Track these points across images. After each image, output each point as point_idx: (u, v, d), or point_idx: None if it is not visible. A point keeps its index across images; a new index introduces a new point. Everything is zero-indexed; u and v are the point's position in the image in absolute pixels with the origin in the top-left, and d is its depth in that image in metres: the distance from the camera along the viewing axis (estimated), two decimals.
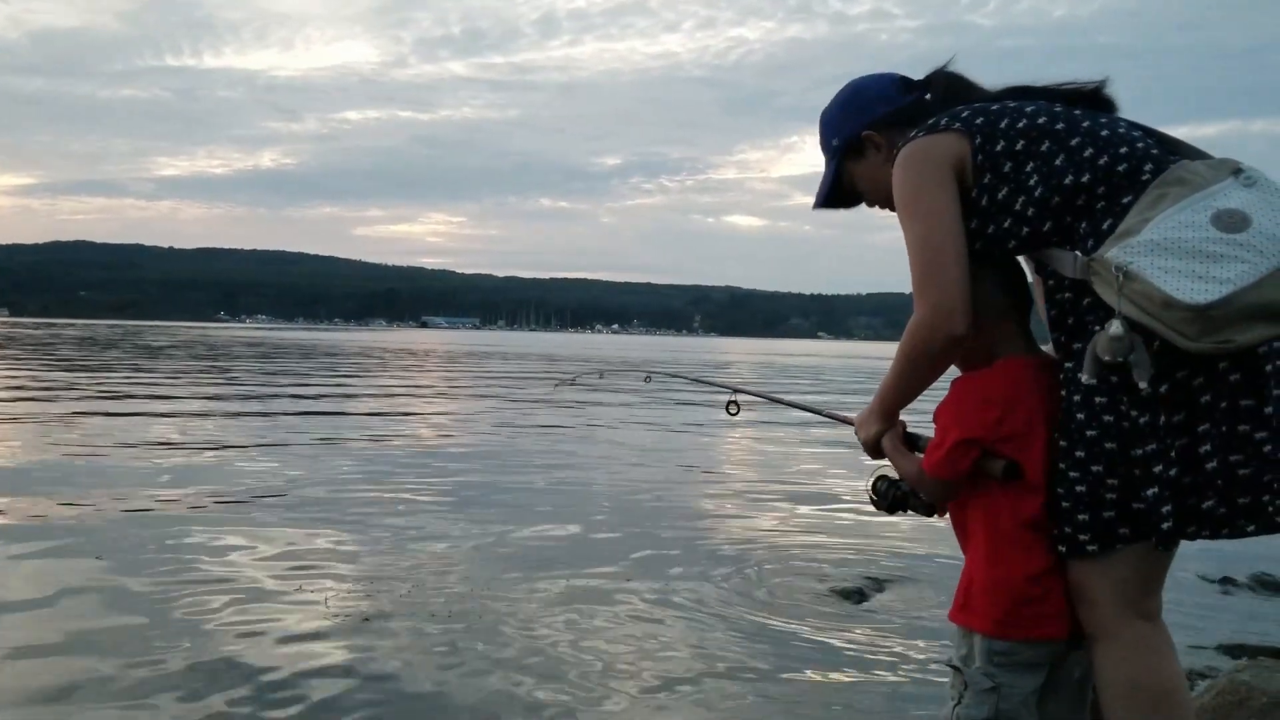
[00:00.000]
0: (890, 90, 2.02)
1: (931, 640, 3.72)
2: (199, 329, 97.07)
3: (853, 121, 2.04)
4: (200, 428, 10.37)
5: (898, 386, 1.90)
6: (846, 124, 2.05)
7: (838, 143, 2.06)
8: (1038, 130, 1.77)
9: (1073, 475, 1.71)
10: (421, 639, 3.59)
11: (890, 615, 4.11)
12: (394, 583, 4.32)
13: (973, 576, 1.83)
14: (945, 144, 1.81)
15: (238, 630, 3.62)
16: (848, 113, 2.05)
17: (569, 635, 3.69)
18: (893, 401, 1.94)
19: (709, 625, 3.87)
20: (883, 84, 2.03)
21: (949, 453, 1.80)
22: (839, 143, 2.06)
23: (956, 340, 1.76)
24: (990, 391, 1.82)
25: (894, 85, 2.03)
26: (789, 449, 10.08)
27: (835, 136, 2.07)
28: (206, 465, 7.71)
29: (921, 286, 1.77)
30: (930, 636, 3.77)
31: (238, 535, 5.15)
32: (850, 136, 2.04)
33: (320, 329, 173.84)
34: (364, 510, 5.96)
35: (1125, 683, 1.71)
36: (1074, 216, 1.72)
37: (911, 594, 4.45)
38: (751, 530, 5.77)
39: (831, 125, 2.08)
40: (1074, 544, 1.72)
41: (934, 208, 1.79)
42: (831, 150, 2.08)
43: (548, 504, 6.41)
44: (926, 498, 1.94)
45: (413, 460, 8.28)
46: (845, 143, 2.05)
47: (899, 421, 1.98)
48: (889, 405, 1.95)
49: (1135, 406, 1.62)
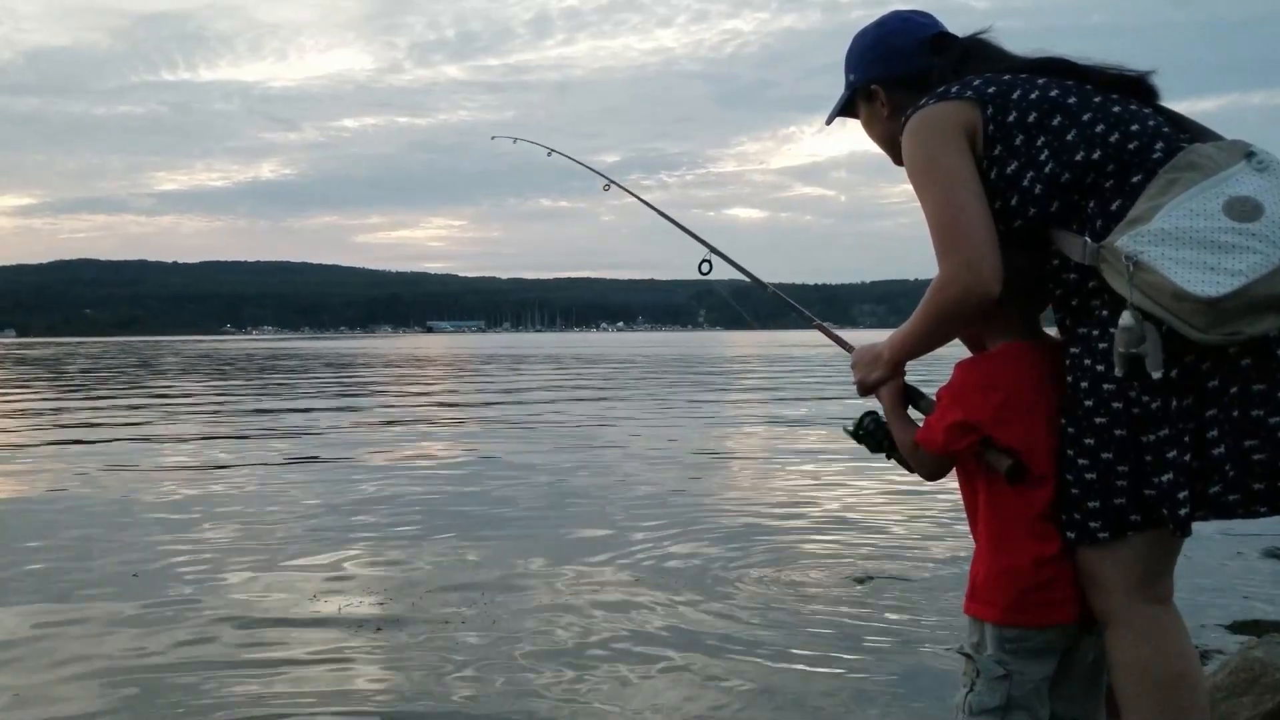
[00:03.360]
0: (915, 49, 1.98)
1: (938, 628, 3.71)
2: (207, 343, 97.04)
3: (868, 69, 2.03)
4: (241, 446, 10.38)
5: (916, 339, 1.85)
6: (863, 68, 2.05)
7: (853, 79, 2.07)
8: (1050, 103, 1.74)
9: (1082, 462, 1.69)
10: (436, 646, 3.59)
11: (896, 603, 4.11)
12: (407, 589, 4.33)
13: (981, 564, 1.83)
14: (957, 111, 1.78)
15: (248, 644, 3.63)
16: (870, 58, 2.04)
17: (580, 636, 3.69)
18: (906, 352, 1.89)
19: (718, 615, 3.88)
20: (913, 40, 1.99)
21: (946, 430, 1.80)
22: (854, 80, 2.06)
23: (988, 301, 1.70)
24: (994, 376, 1.81)
25: (923, 45, 1.98)
26: (790, 438, 10.08)
27: (852, 73, 2.07)
28: (237, 483, 7.73)
29: (947, 247, 1.72)
30: (937, 625, 3.77)
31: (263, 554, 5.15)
32: (860, 83, 2.05)
33: (326, 338, 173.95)
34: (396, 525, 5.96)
35: (1138, 667, 1.70)
36: (1082, 195, 1.69)
37: (916, 584, 4.45)
38: (765, 521, 5.78)
39: (852, 60, 2.08)
40: (1085, 531, 1.71)
41: (952, 169, 1.76)
42: (848, 83, 2.09)
43: (561, 499, 6.42)
44: (913, 465, 1.93)
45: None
46: (853, 88, 2.07)
47: (901, 372, 1.95)
48: (900, 355, 1.91)
49: (1146, 392, 1.61)
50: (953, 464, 1.87)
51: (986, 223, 1.72)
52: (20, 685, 3.22)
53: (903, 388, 1.95)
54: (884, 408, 1.97)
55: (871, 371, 1.96)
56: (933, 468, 1.89)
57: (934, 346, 1.86)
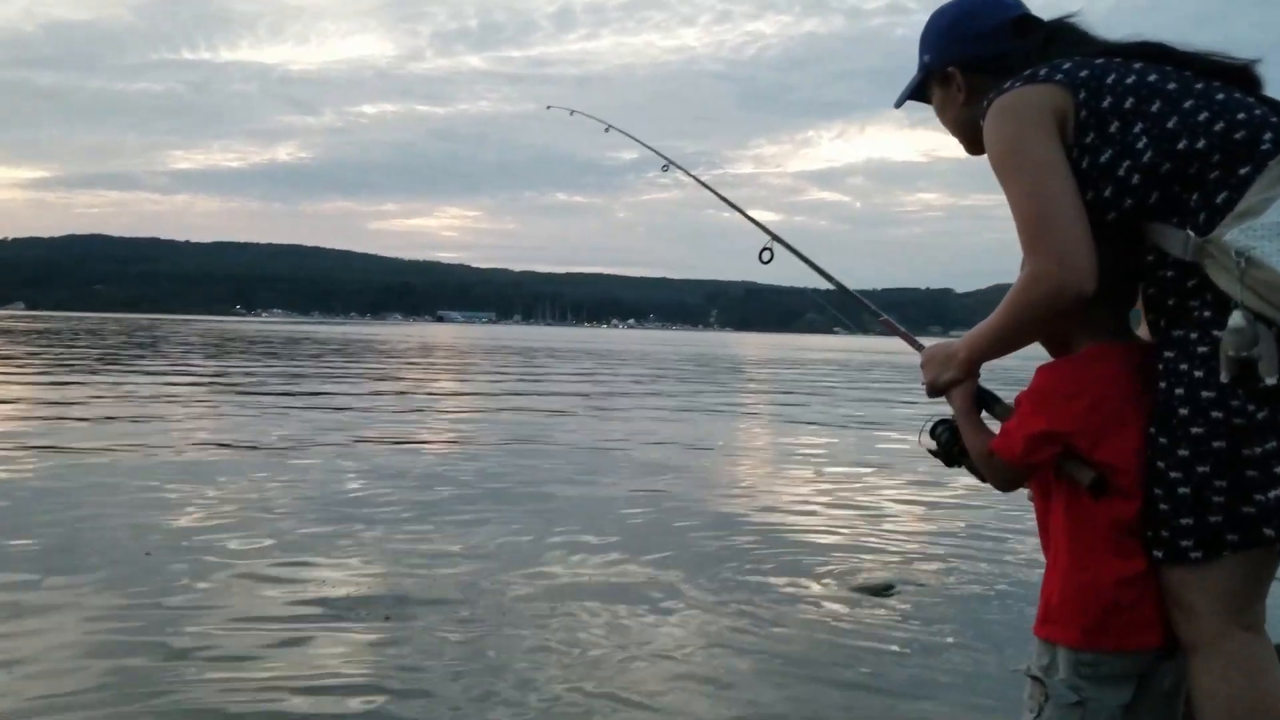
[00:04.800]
0: (997, 31, 1.86)
1: (953, 635, 3.62)
2: (218, 323, 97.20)
3: (946, 50, 1.91)
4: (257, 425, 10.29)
5: (998, 338, 1.70)
6: (940, 49, 1.92)
7: (928, 60, 1.94)
8: (1148, 89, 1.62)
9: (1174, 476, 1.56)
10: (442, 637, 3.49)
11: (912, 610, 4.00)
12: (415, 579, 4.22)
13: (1056, 583, 1.69)
14: (1046, 95, 1.65)
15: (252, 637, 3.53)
16: (948, 38, 1.91)
17: (587, 630, 3.58)
18: (985, 352, 1.75)
19: (722, 617, 3.79)
20: (995, 21, 1.87)
21: (1027, 440, 1.66)
22: (929, 62, 1.94)
23: (1082, 300, 1.57)
24: (1080, 381, 1.67)
25: (1005, 27, 1.86)
26: (806, 438, 9.96)
27: (927, 54, 1.95)
28: (247, 464, 7.64)
29: (1037, 239, 1.59)
30: (951, 632, 3.68)
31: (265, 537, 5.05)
32: (938, 63, 1.92)
33: (335, 323, 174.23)
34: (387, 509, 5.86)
35: (1227, 699, 1.57)
36: (1184, 187, 1.57)
37: (936, 591, 4.33)
38: (778, 524, 5.65)
39: (928, 41, 1.95)
40: (1174, 550, 1.58)
41: (1043, 158, 1.63)
42: (922, 65, 1.97)
43: (566, 496, 6.30)
44: (986, 475, 1.79)
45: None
46: (928, 70, 1.94)
47: (976, 374, 1.81)
48: (977, 354, 1.76)
49: (1253, 400, 1.48)
50: (1029, 475, 1.74)
51: (1080, 214, 1.59)
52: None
53: (976, 391, 1.81)
54: (955, 412, 1.83)
55: (944, 372, 1.81)
56: (1008, 478, 1.75)
57: (1016, 347, 1.72)
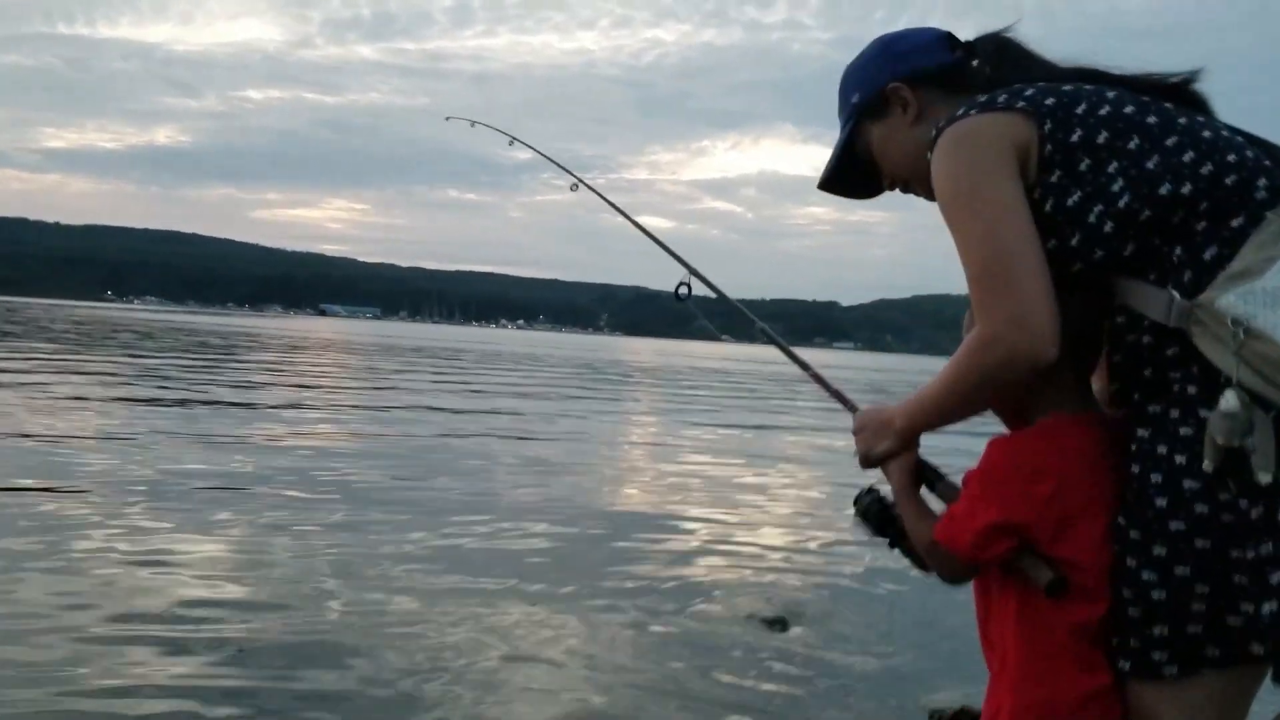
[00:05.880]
0: (931, 44, 1.62)
1: (848, 671, 3.45)
2: (86, 308, 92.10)
3: (883, 70, 1.62)
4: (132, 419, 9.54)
5: (941, 407, 1.45)
6: (873, 72, 1.63)
7: (858, 98, 1.64)
8: (1125, 121, 1.37)
9: (1147, 577, 1.32)
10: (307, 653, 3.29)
11: (810, 647, 3.84)
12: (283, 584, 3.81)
13: (1004, 699, 1.43)
14: (1006, 125, 1.39)
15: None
16: (882, 59, 1.63)
17: (467, 647, 3.26)
18: (925, 423, 1.50)
19: (613, 643, 3.64)
20: (922, 37, 1.63)
21: (978, 533, 1.39)
22: (859, 98, 1.64)
23: (1041, 367, 1.32)
24: (1039, 461, 1.40)
25: (937, 40, 1.62)
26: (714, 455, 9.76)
27: (856, 91, 1.65)
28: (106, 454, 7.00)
29: (989, 296, 1.34)
30: (846, 668, 3.53)
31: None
32: (874, 90, 1.62)
33: (212, 313, 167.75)
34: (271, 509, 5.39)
35: None
36: (1165, 238, 1.33)
37: (834, 624, 4.18)
38: (680, 549, 5.38)
39: (852, 81, 1.66)
40: (1145, 663, 1.34)
41: (999, 200, 1.37)
42: (850, 110, 1.66)
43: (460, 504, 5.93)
44: (928, 563, 1.52)
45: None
46: (866, 99, 1.63)
47: (915, 445, 1.55)
48: (917, 425, 1.51)
49: (1244, 495, 1.25)
50: (975, 571, 1.48)
51: (1040, 267, 1.34)
52: None
53: (916, 464, 1.55)
54: (893, 490, 1.56)
55: (879, 442, 1.55)
56: (956, 570, 1.48)
57: (962, 417, 1.45)
